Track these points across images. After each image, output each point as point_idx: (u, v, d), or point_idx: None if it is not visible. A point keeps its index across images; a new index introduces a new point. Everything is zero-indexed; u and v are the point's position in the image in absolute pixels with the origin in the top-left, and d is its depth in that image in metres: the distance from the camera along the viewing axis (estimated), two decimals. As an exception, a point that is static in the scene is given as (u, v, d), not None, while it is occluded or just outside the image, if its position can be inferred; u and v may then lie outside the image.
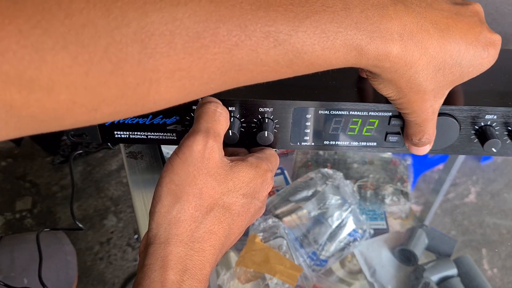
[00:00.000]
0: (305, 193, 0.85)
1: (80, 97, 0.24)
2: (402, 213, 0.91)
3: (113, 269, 1.59)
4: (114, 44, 0.23)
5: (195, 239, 0.36)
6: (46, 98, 0.23)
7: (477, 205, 1.04)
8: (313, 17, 0.28)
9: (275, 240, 0.79)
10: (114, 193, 1.78)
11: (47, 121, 0.24)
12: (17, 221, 1.69)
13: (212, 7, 0.25)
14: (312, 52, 0.28)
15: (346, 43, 0.29)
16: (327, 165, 0.93)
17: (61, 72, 0.22)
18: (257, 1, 0.26)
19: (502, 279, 0.93)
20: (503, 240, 1.01)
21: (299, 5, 0.27)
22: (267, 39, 0.27)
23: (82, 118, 0.25)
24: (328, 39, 0.28)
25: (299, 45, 0.28)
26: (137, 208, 0.57)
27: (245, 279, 0.76)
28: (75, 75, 0.23)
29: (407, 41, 0.31)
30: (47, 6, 0.22)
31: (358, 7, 0.29)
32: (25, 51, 0.21)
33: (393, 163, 0.95)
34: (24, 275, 0.92)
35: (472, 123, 0.44)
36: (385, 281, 0.82)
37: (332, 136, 0.45)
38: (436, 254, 0.86)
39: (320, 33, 0.28)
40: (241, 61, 0.27)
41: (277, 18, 0.27)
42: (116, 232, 1.67)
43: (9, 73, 0.21)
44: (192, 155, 0.36)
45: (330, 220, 0.81)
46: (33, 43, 0.21)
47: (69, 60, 0.22)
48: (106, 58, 0.23)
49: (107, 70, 0.23)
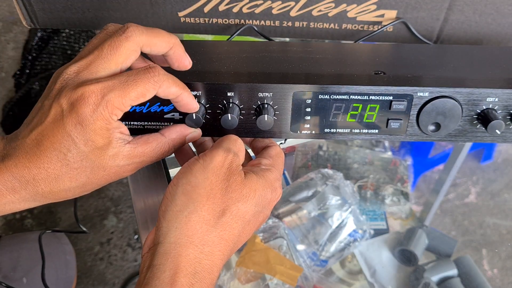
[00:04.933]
0: (305, 194, 0.84)
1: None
2: (402, 214, 0.91)
3: (113, 269, 1.59)
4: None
5: (206, 243, 0.36)
6: None
7: (477, 205, 1.04)
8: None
9: (275, 241, 0.79)
10: (114, 194, 1.78)
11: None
12: (17, 221, 1.69)
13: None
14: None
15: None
16: (327, 165, 0.93)
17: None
18: None
19: (502, 280, 0.92)
20: (503, 241, 1.01)
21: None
22: None
23: None
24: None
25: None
26: (137, 208, 0.57)
27: (245, 279, 0.76)
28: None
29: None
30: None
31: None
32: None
33: (393, 164, 0.95)
34: (24, 275, 0.92)
35: (473, 107, 0.43)
36: (385, 281, 0.82)
37: (333, 124, 0.44)
38: (436, 254, 0.86)
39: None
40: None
41: None
42: (116, 232, 1.68)
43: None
44: (213, 162, 0.37)
45: (330, 221, 0.81)
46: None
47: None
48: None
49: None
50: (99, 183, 0.39)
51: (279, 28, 0.65)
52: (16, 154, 0.36)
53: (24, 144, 0.36)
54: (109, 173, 0.38)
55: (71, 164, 0.37)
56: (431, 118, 0.44)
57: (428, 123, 0.44)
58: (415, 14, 0.62)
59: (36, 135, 0.36)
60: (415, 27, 0.63)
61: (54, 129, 0.36)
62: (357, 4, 0.61)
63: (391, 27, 0.63)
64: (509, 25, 0.62)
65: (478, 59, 0.53)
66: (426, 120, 0.44)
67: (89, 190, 0.40)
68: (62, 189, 0.38)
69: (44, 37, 1.88)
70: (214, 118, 0.43)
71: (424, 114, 0.43)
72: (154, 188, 0.59)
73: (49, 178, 0.37)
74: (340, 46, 0.61)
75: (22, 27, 2.09)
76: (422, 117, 0.44)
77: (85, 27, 0.66)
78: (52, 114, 0.36)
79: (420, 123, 0.44)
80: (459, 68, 0.50)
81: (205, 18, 0.64)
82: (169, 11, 0.63)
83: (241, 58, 0.49)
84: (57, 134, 0.36)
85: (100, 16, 0.64)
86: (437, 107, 0.43)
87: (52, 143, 0.36)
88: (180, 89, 0.39)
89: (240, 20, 0.64)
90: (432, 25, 0.63)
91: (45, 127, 0.36)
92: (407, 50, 0.56)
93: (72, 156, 0.36)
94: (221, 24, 0.65)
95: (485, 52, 0.55)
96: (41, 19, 0.65)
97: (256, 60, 0.49)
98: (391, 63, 0.51)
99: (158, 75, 0.37)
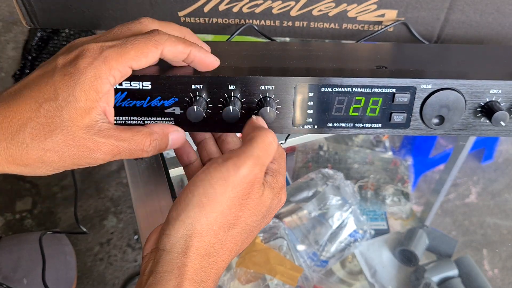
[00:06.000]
0: (306, 194, 0.84)
1: None
2: (402, 214, 0.91)
3: (113, 269, 1.59)
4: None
5: (211, 253, 0.36)
6: None
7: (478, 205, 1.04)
8: None
9: (276, 241, 0.79)
10: (114, 194, 1.78)
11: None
12: (17, 221, 1.69)
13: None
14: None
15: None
16: (327, 165, 0.93)
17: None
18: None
19: (503, 280, 0.92)
20: (504, 241, 1.01)
21: None
22: None
23: None
24: None
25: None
26: (137, 208, 0.57)
27: (245, 279, 0.76)
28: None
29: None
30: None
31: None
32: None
33: (393, 164, 0.95)
34: (24, 276, 0.92)
35: (477, 99, 0.43)
36: (385, 281, 0.81)
37: (335, 118, 0.44)
38: (436, 254, 0.86)
39: None
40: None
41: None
42: (116, 232, 1.67)
43: None
44: (236, 175, 0.35)
45: (330, 221, 0.81)
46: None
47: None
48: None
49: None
50: (64, 156, 0.35)
51: (279, 27, 0.65)
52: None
53: (1, 95, 0.35)
54: (78, 144, 0.35)
55: (40, 117, 0.33)
56: (435, 111, 0.43)
57: (431, 116, 0.44)
58: (415, 14, 0.62)
59: (19, 86, 0.35)
60: (415, 27, 0.63)
61: (40, 80, 0.34)
62: (358, 4, 0.61)
63: (392, 27, 0.63)
64: (510, 25, 0.62)
65: (480, 56, 0.53)
66: (429, 112, 0.43)
67: (52, 166, 0.36)
68: (21, 147, 0.34)
69: (44, 37, 1.88)
70: (216, 113, 0.43)
71: (428, 107, 0.43)
72: (154, 188, 0.59)
73: (10, 128, 0.33)
74: (341, 45, 0.61)
75: (22, 27, 2.09)
76: (426, 110, 0.43)
77: (85, 27, 0.66)
78: (42, 69, 0.35)
79: (424, 116, 0.44)
80: (462, 64, 0.50)
81: (205, 18, 0.64)
82: (169, 11, 0.63)
83: (242, 55, 0.49)
84: (41, 83, 0.34)
85: (100, 16, 0.64)
86: (441, 100, 0.43)
87: (31, 92, 0.34)
88: (187, 46, 0.37)
89: (240, 20, 0.64)
90: (433, 25, 0.63)
91: (31, 79, 0.35)
92: (408, 48, 0.56)
93: (46, 109, 0.33)
94: (221, 24, 0.64)
95: (487, 50, 0.55)
96: (41, 19, 0.65)
97: (257, 57, 0.49)
98: (392, 60, 0.51)
99: (159, 35, 0.36)
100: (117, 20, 0.65)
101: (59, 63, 0.34)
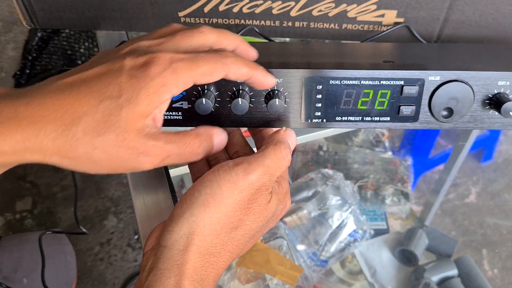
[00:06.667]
0: (306, 194, 0.84)
1: None
2: (402, 214, 0.91)
3: (113, 269, 1.59)
4: None
5: (212, 253, 0.36)
6: None
7: (478, 205, 1.04)
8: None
9: (276, 241, 0.79)
10: (114, 194, 1.78)
11: None
12: (17, 221, 1.69)
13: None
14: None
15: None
16: (327, 165, 0.93)
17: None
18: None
19: (503, 280, 0.92)
20: (504, 241, 1.01)
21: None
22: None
23: None
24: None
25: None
26: (137, 208, 0.57)
27: (245, 279, 0.76)
28: None
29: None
30: None
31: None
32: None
33: (393, 164, 0.95)
34: (24, 276, 0.92)
35: (485, 91, 0.43)
36: (385, 281, 0.81)
37: (344, 112, 0.44)
38: (436, 254, 0.86)
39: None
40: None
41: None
42: (116, 232, 1.67)
43: None
44: (245, 180, 0.36)
45: (330, 221, 0.81)
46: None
47: None
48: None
49: None
50: (112, 157, 0.34)
51: (279, 28, 0.65)
52: (31, 95, 0.33)
53: (47, 87, 0.33)
54: (127, 146, 0.34)
55: (97, 113, 0.33)
56: (443, 103, 0.43)
57: (440, 108, 0.44)
58: (415, 14, 0.62)
59: (73, 79, 0.34)
60: (415, 27, 0.63)
61: (103, 77, 0.33)
62: (357, 4, 0.61)
63: (392, 27, 0.63)
64: (509, 25, 0.62)
65: (484, 52, 0.53)
66: (438, 105, 0.43)
67: (97, 165, 0.35)
68: (71, 140, 0.33)
69: (44, 37, 1.88)
70: (224, 106, 0.43)
71: (436, 99, 0.43)
72: (154, 188, 0.59)
73: (63, 119, 0.32)
74: (345, 44, 0.61)
75: (22, 27, 2.09)
76: (434, 102, 0.43)
77: (85, 27, 0.66)
78: (104, 66, 0.34)
79: (432, 109, 0.44)
80: (467, 58, 0.50)
81: (205, 18, 0.64)
82: (169, 11, 0.63)
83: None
84: (104, 81, 0.33)
85: (100, 16, 0.64)
86: (449, 92, 0.43)
87: (91, 87, 0.33)
88: (251, 69, 0.38)
89: (240, 20, 0.64)
90: (433, 25, 0.63)
91: (92, 75, 0.34)
92: (412, 46, 0.56)
93: (105, 106, 0.33)
94: (221, 24, 0.64)
95: (490, 47, 0.56)
96: (41, 19, 0.65)
97: (264, 54, 0.49)
98: (398, 56, 0.51)
99: (227, 57, 0.36)
100: (117, 20, 0.65)
101: (127, 64, 0.34)
